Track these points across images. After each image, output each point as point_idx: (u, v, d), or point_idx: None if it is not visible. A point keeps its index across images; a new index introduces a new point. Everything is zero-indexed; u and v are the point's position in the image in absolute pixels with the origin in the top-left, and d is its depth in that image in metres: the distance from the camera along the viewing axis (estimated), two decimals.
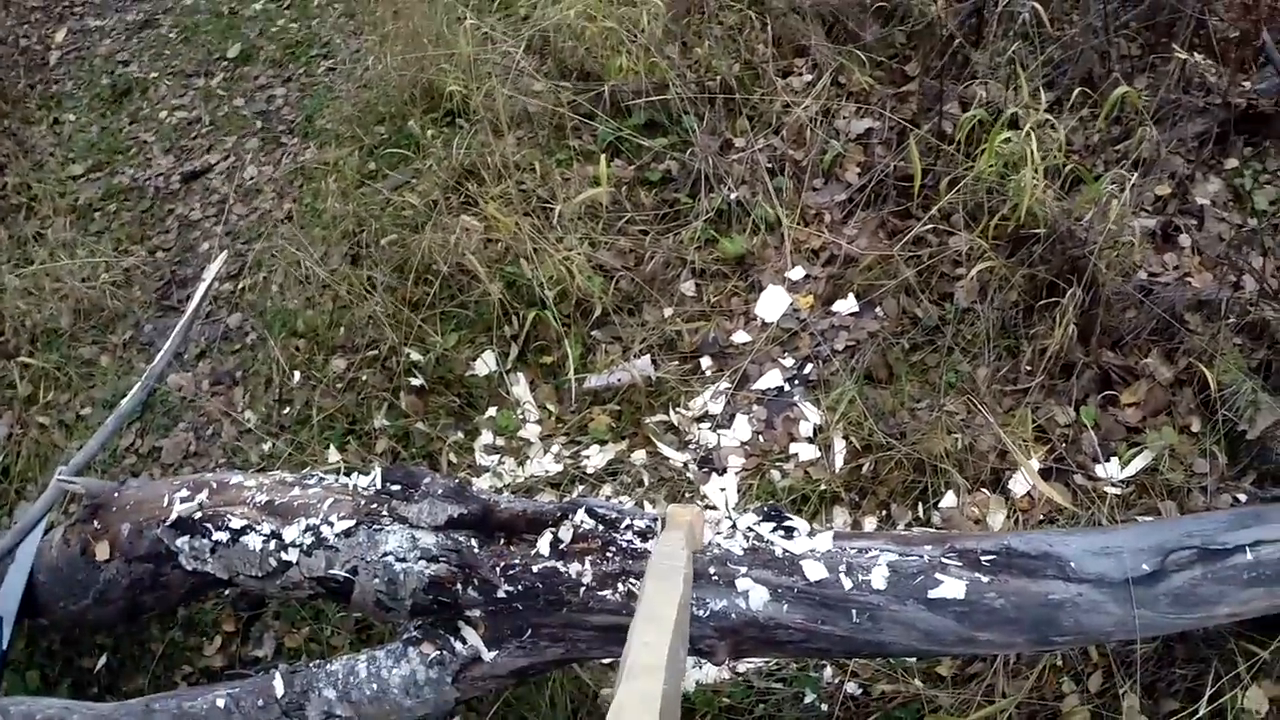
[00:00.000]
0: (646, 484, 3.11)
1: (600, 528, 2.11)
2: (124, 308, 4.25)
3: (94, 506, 2.62)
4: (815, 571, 1.97)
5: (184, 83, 5.57)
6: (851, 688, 2.63)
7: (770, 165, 3.68)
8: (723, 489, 3.05)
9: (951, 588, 1.93)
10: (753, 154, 3.68)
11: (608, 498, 3.07)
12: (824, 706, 2.62)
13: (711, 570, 2.01)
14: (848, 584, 1.96)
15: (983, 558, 1.97)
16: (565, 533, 2.12)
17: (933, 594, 1.93)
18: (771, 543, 2.04)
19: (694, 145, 3.71)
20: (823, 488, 2.94)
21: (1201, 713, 2.26)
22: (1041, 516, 2.73)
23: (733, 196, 3.60)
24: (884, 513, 2.90)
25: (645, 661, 1.27)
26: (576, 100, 3.89)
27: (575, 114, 3.87)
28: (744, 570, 2.01)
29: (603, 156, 3.55)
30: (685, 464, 3.13)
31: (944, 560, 1.97)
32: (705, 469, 3.12)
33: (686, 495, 3.05)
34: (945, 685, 2.58)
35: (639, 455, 3.17)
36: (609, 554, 2.08)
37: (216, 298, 4.16)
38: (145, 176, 4.99)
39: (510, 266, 3.43)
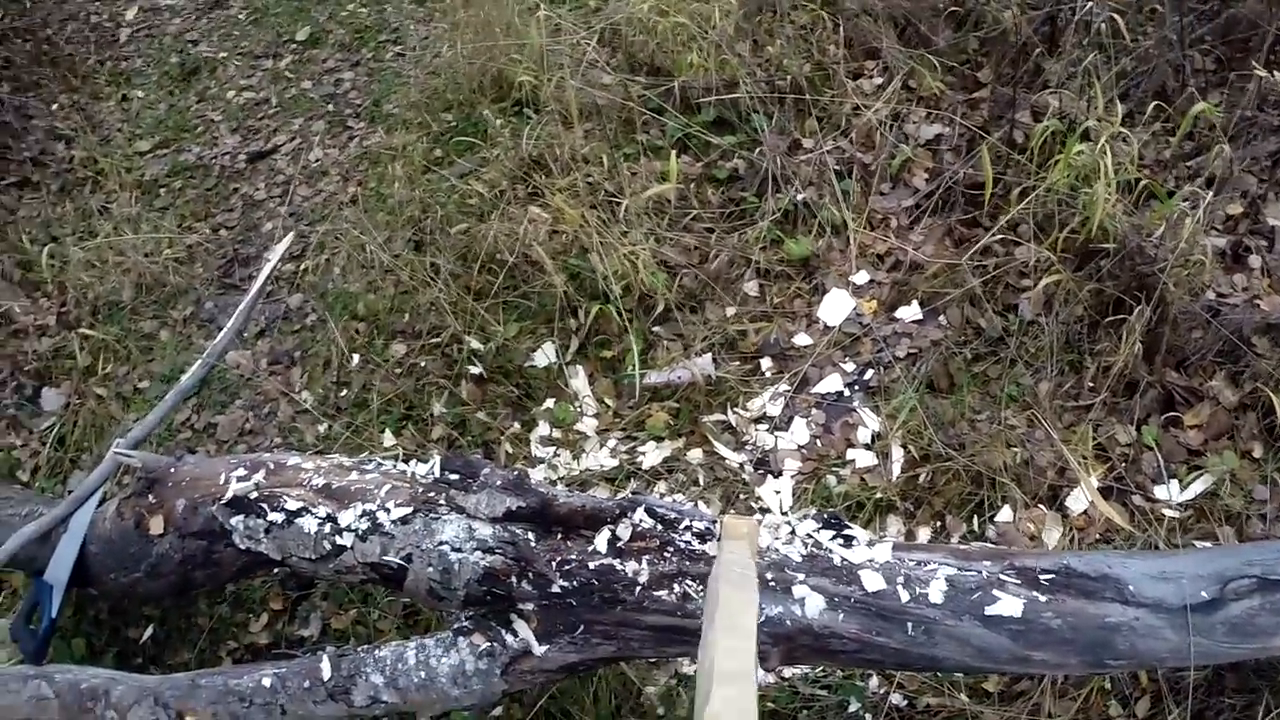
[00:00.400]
0: (702, 483, 3.11)
1: (659, 527, 2.11)
2: (185, 284, 4.29)
3: (150, 481, 2.63)
4: (873, 582, 1.97)
5: (252, 64, 5.62)
6: (897, 699, 2.62)
7: (838, 167, 3.67)
8: (778, 491, 3.04)
9: (1009, 605, 1.92)
10: (820, 155, 3.66)
11: (662, 495, 3.07)
12: (868, 717, 2.61)
13: (769, 576, 2.01)
14: (905, 596, 1.95)
15: (1041, 576, 1.96)
16: (624, 531, 2.12)
17: (989, 610, 1.92)
18: (830, 550, 2.04)
19: (762, 144, 3.70)
20: (878, 495, 2.93)
21: None
22: (1097, 536, 2.71)
23: (799, 197, 3.59)
24: (938, 524, 2.89)
25: (733, 668, 1.27)
26: (646, 95, 3.89)
27: (644, 109, 3.88)
28: (801, 577, 2.00)
29: (672, 153, 3.54)
30: (741, 465, 3.13)
31: (1002, 577, 1.96)
32: (761, 471, 3.12)
33: (741, 496, 3.06)
34: (991, 702, 2.57)
35: (695, 454, 3.17)
36: (667, 554, 2.08)
37: (278, 278, 4.19)
38: (211, 155, 5.04)
39: (575, 259, 3.44)
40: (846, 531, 2.07)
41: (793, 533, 2.09)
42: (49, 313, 4.27)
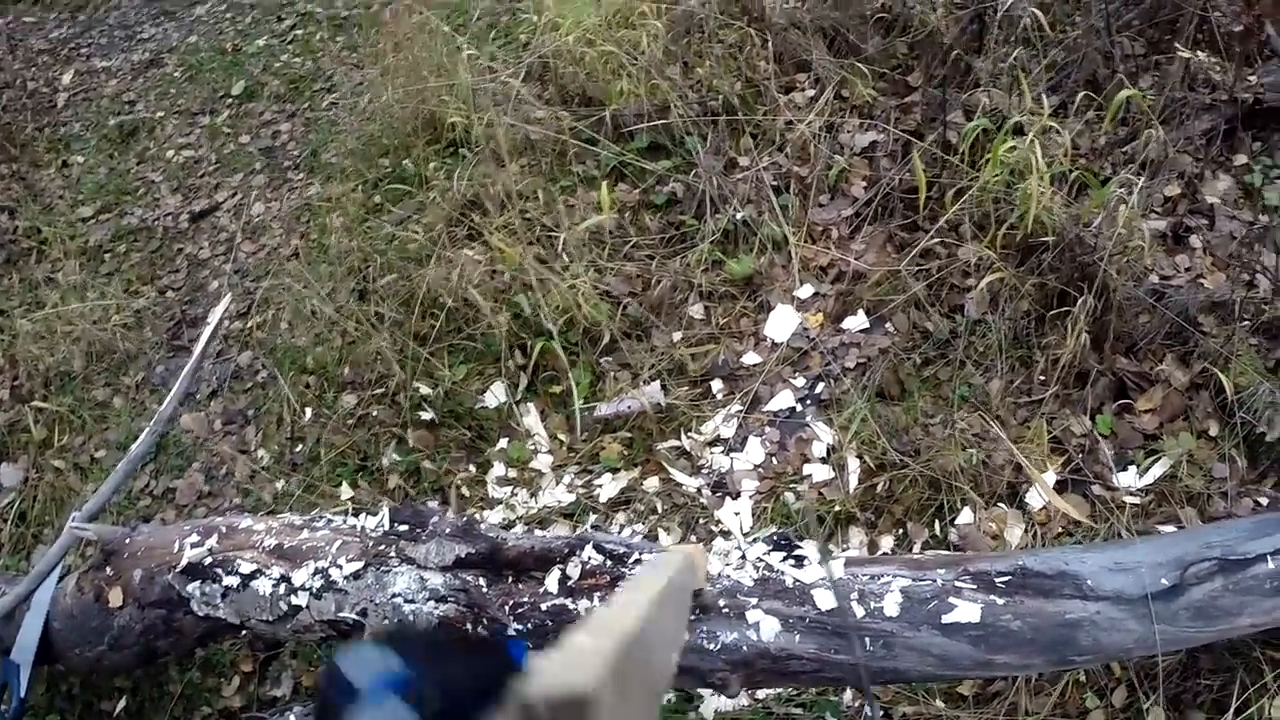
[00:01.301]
0: (660, 511, 3.08)
1: (608, 563, 2.08)
2: (135, 349, 4.25)
3: (107, 553, 2.61)
4: (827, 600, 1.94)
5: (190, 121, 5.60)
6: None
7: (775, 183, 3.66)
8: (737, 513, 3.01)
9: (966, 611, 1.90)
10: (757, 172, 3.65)
11: (621, 527, 3.04)
12: None
13: (722, 603, 1.98)
14: (860, 612, 1.92)
15: (997, 579, 1.94)
16: (573, 569, 2.09)
17: (947, 619, 1.90)
18: (781, 572, 2.01)
19: (698, 166, 3.68)
20: (837, 508, 2.91)
21: None
22: (1060, 529, 2.69)
23: (738, 216, 3.58)
24: (900, 531, 2.86)
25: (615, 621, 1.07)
26: (578, 126, 3.88)
27: (578, 140, 3.86)
28: (754, 601, 1.97)
29: (604, 183, 3.53)
30: (698, 489, 3.10)
31: (958, 584, 1.94)
32: (719, 494, 3.09)
33: (701, 521, 3.02)
34: (967, 705, 2.54)
35: (652, 482, 3.14)
36: (618, 589, 2.05)
37: (227, 336, 4.16)
38: (154, 216, 5.00)
39: (518, 296, 3.41)
40: (797, 552, 2.04)
41: (743, 557, 2.06)
42: (2, 387, 4.24)
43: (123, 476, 2.93)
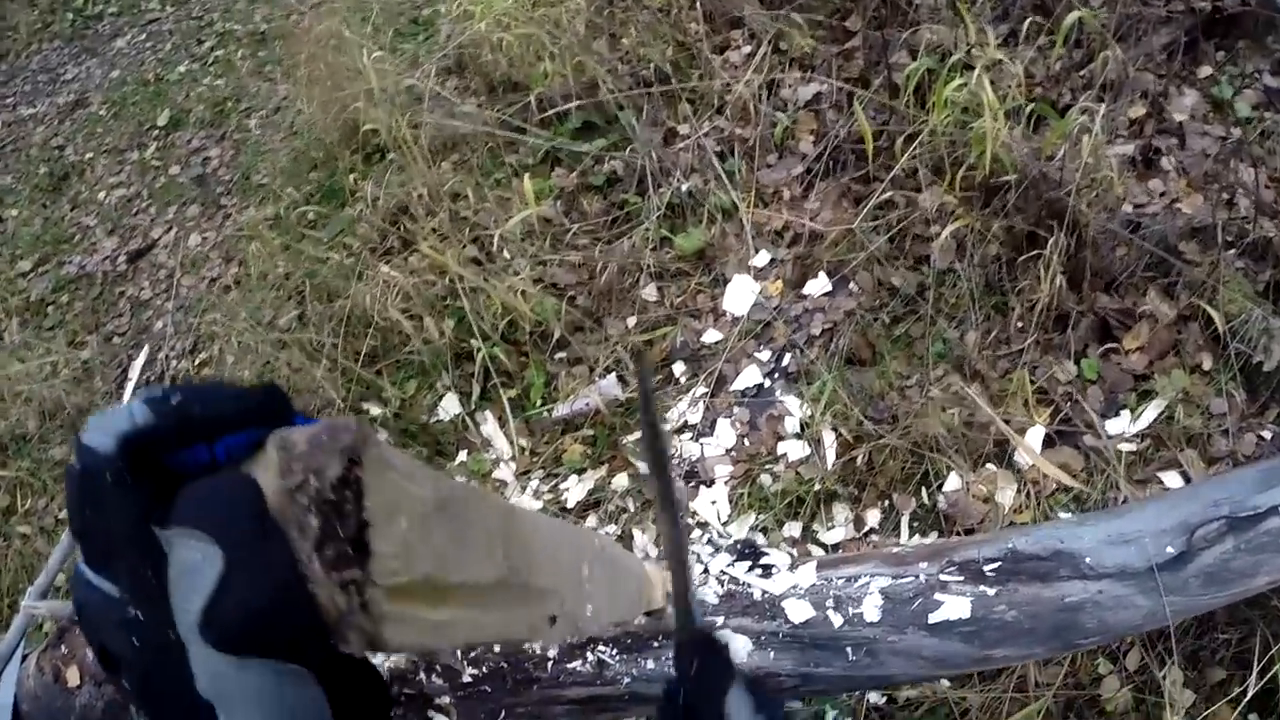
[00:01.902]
0: (633, 509, 2.89)
1: None
2: (86, 401, 4.09)
3: (60, 630, 2.43)
4: (799, 612, 1.75)
5: (119, 159, 5.42)
6: (874, 698, 2.45)
7: (719, 149, 3.46)
8: (713, 502, 2.83)
9: (954, 607, 1.71)
10: (698, 140, 3.45)
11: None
12: None
13: None
14: (838, 620, 1.73)
15: (986, 567, 1.75)
16: None
17: (934, 618, 1.71)
18: (749, 585, 1.82)
19: (635, 141, 3.48)
20: (817, 487, 2.72)
21: (1251, 680, 2.06)
22: (1055, 487, 2.51)
23: (684, 188, 3.38)
24: (886, 504, 2.68)
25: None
26: (507, 116, 3.67)
27: (507, 129, 3.65)
28: (721, 620, 1.79)
29: (526, 175, 3.32)
30: None
31: (943, 577, 1.75)
32: (692, 483, 2.90)
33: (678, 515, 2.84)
34: (973, 684, 2.37)
35: (620, 480, 2.96)
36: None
37: (174, 377, 3.99)
38: (93, 262, 4.83)
39: (458, 302, 3.21)
40: (764, 560, 1.85)
41: (705, 571, 1.87)
42: None
43: (67, 548, 2.78)
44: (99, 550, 0.51)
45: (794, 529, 2.70)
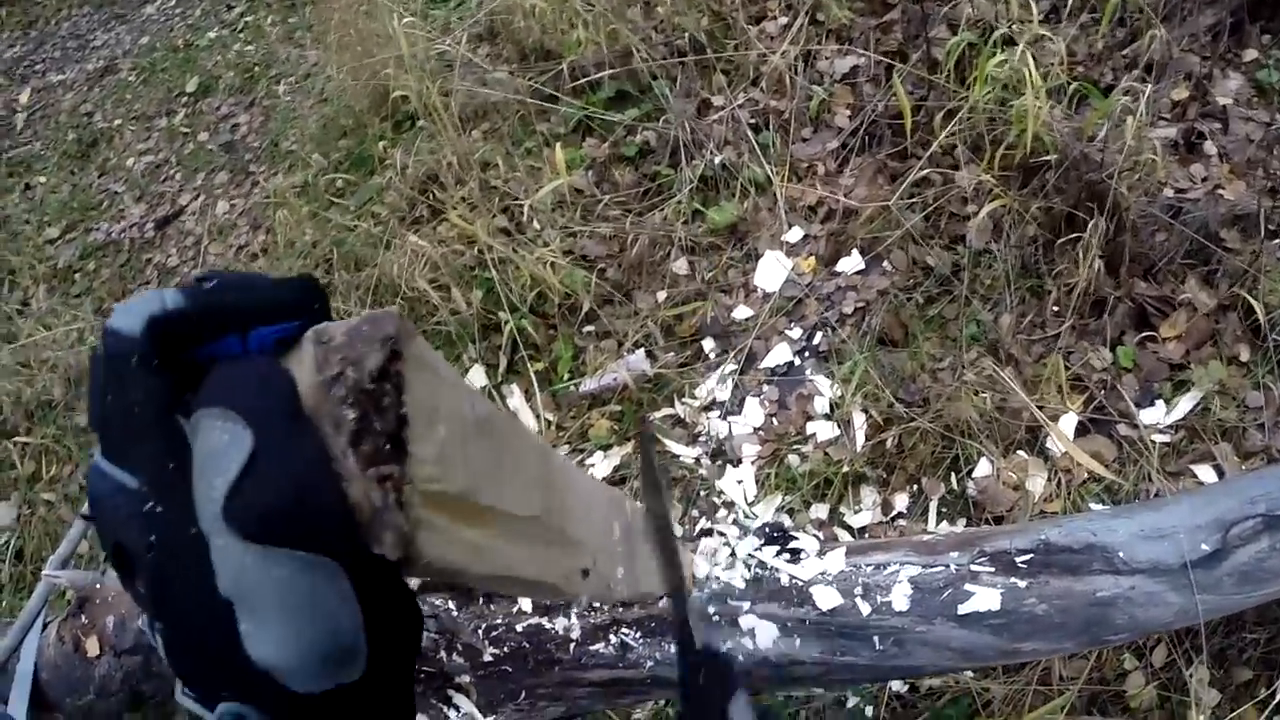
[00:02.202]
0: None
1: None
2: None
3: (80, 600, 2.44)
4: (828, 599, 1.72)
5: (147, 126, 5.41)
6: (897, 686, 2.42)
7: (753, 121, 3.41)
8: (739, 481, 2.80)
9: (984, 599, 1.68)
10: (733, 111, 3.40)
11: None
12: (868, 710, 2.42)
13: (712, 609, 1.77)
14: (866, 609, 1.71)
15: (1017, 559, 1.71)
16: None
17: (964, 609, 1.68)
18: (776, 570, 1.79)
19: (668, 112, 3.43)
20: (845, 469, 2.69)
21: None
22: (1086, 475, 2.46)
23: (717, 160, 3.33)
24: (914, 488, 2.65)
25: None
26: (539, 84, 3.63)
27: (539, 97, 3.61)
28: (747, 605, 1.76)
29: (558, 144, 3.27)
30: (697, 459, 2.88)
31: (973, 568, 1.71)
32: (719, 462, 2.87)
33: (702, 493, 2.81)
34: (996, 675, 2.34)
35: None
36: (595, 604, 1.84)
37: None
38: (120, 229, 4.83)
39: (486, 273, 3.18)
40: (793, 544, 1.82)
41: (733, 555, 1.84)
42: None
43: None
44: (119, 440, 0.47)
45: (821, 511, 2.67)
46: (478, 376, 3.19)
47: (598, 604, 1.83)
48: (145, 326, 0.46)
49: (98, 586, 2.45)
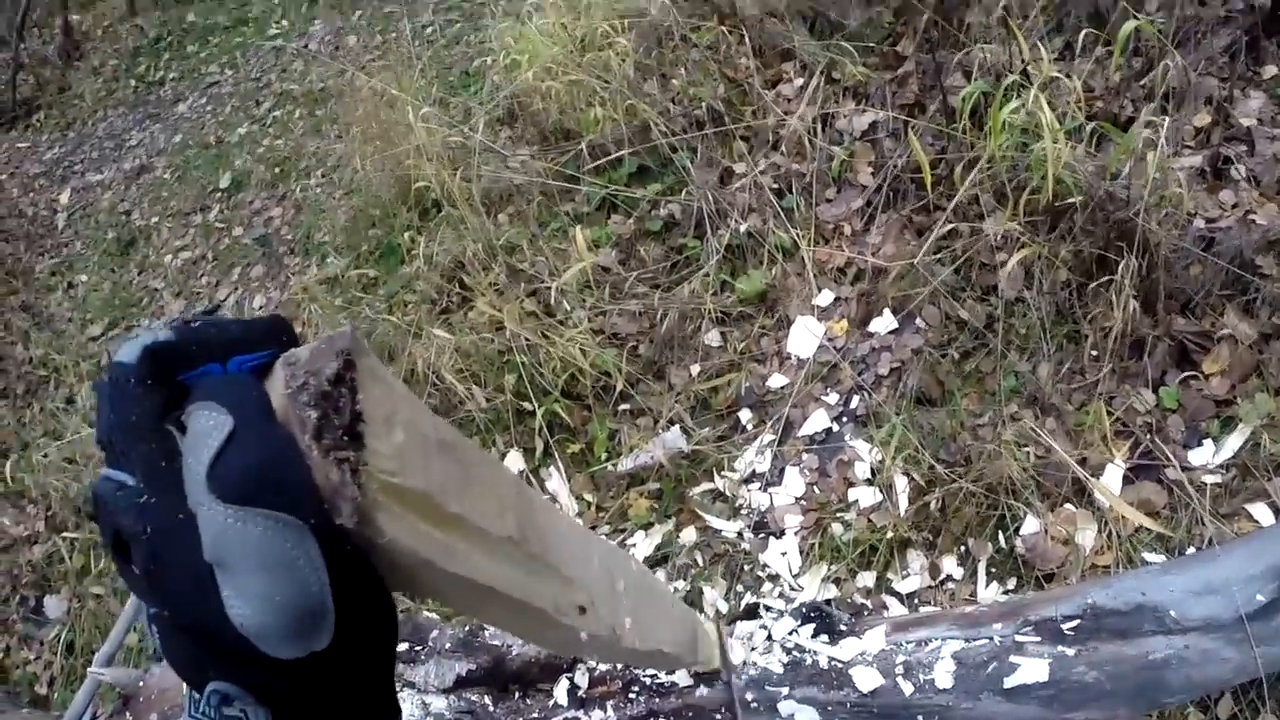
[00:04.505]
0: (701, 563, 2.82)
1: (618, 666, 1.83)
2: None
3: (124, 698, 2.46)
4: (868, 680, 1.67)
5: (184, 222, 5.49)
6: None
7: (776, 186, 3.39)
8: (783, 553, 2.75)
9: (1031, 670, 1.62)
10: (755, 178, 3.38)
11: None
12: None
13: (750, 696, 1.72)
14: (908, 689, 1.65)
15: (1064, 625, 1.66)
16: (581, 678, 1.85)
17: (1010, 682, 1.62)
18: (815, 652, 1.74)
19: (690, 183, 3.42)
20: (890, 534, 2.63)
21: None
22: (1138, 525, 2.39)
23: (742, 229, 3.31)
24: (962, 550, 2.59)
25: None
26: (560, 165, 3.63)
27: (560, 178, 3.61)
28: (786, 690, 1.71)
29: (580, 224, 3.28)
30: (739, 533, 2.84)
31: (1018, 638, 1.66)
32: (761, 535, 2.82)
33: (745, 568, 2.77)
34: None
35: (688, 533, 2.89)
36: (632, 695, 1.80)
37: None
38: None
39: (519, 357, 3.16)
40: (830, 624, 1.77)
41: (769, 638, 1.80)
42: (36, 519, 4.20)
43: (133, 614, 2.80)
44: (120, 448, 0.55)
45: (867, 579, 2.61)
46: (515, 461, 3.16)
47: (608, 659, 1.79)
48: (140, 354, 0.55)
49: (141, 684, 2.46)
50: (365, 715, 0.64)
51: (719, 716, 1.73)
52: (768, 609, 2.00)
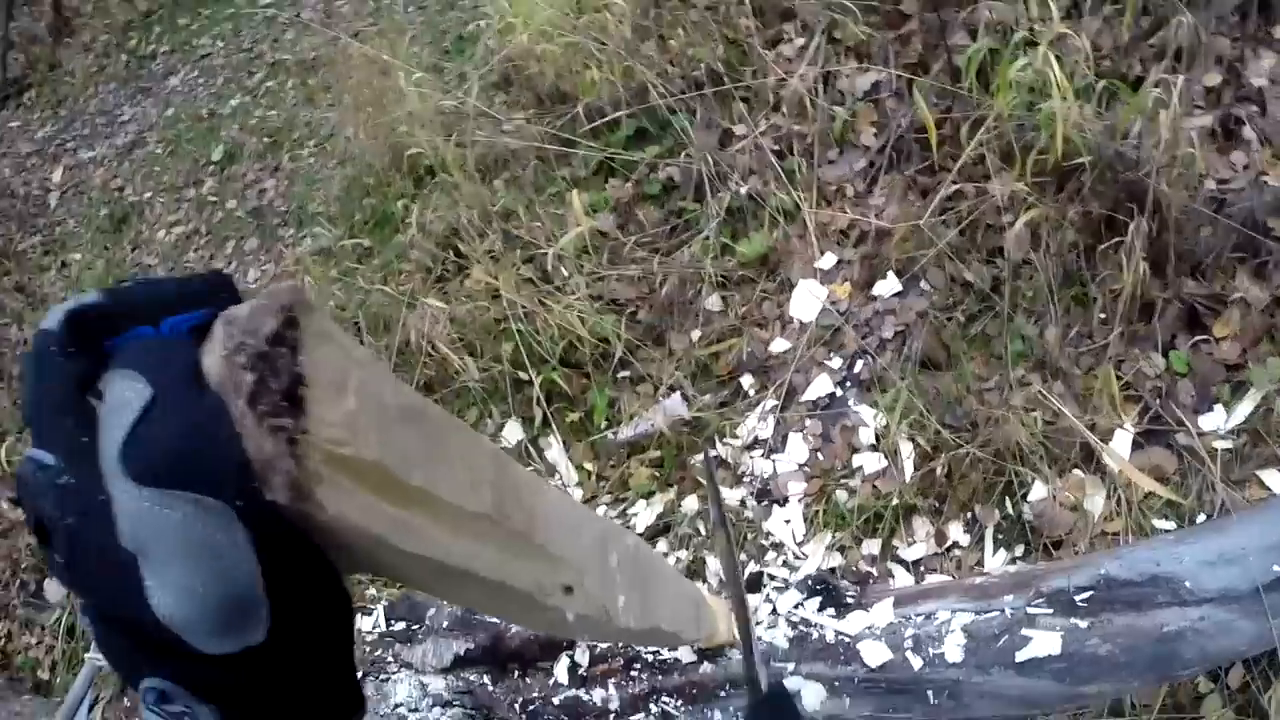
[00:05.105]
0: (704, 533, 2.78)
1: (618, 644, 1.79)
2: None
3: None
4: (876, 654, 1.63)
5: (176, 197, 5.42)
6: None
7: (777, 148, 3.31)
8: (787, 520, 2.71)
9: (1043, 643, 1.57)
10: (755, 140, 3.31)
11: (664, 555, 2.75)
12: None
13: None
14: (917, 663, 1.61)
15: (1077, 597, 1.61)
16: (582, 656, 1.81)
17: (1022, 655, 1.58)
18: (821, 626, 1.70)
19: (690, 146, 3.35)
20: (895, 501, 2.59)
21: None
22: (1147, 491, 2.34)
23: (742, 191, 3.24)
24: (968, 516, 2.55)
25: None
26: (556, 129, 3.57)
27: (557, 142, 3.55)
28: (792, 666, 1.67)
29: (577, 188, 3.22)
30: (742, 500, 2.80)
31: (1030, 610, 1.61)
32: (764, 502, 2.78)
33: (749, 536, 2.72)
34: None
35: (690, 502, 2.84)
36: (633, 672, 1.76)
37: None
38: None
39: (516, 325, 3.10)
40: (836, 596, 1.73)
41: (774, 612, 1.75)
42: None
43: None
44: (40, 424, 0.51)
45: (873, 546, 2.57)
46: (513, 432, 3.12)
47: (600, 640, 1.76)
48: (63, 317, 0.51)
49: None
50: (322, 708, 0.60)
51: (722, 693, 1.69)
52: (771, 578, 1.96)
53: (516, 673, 1.87)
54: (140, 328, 0.53)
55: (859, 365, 2.90)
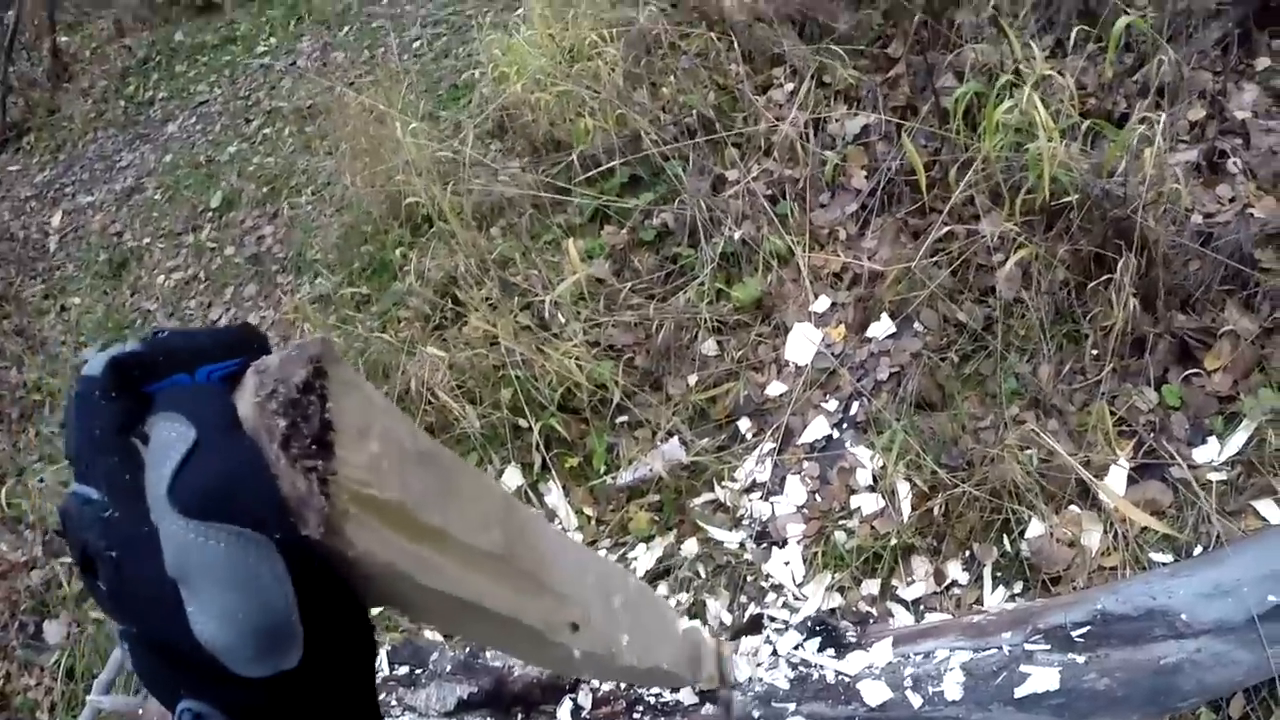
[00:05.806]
0: (704, 575, 2.79)
1: (622, 686, 1.80)
2: None
3: None
4: (876, 694, 1.64)
5: (175, 243, 5.47)
6: None
7: (769, 192, 3.36)
8: (787, 563, 2.72)
9: (1041, 679, 1.59)
10: (747, 185, 3.35)
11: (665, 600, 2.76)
12: None
13: (756, 713, 1.69)
14: (917, 701, 1.63)
15: (1074, 633, 1.63)
16: (584, 698, 1.82)
17: (1020, 691, 1.60)
18: (821, 666, 1.72)
19: (683, 192, 3.39)
20: (894, 541, 2.60)
21: None
22: (1143, 526, 2.36)
23: (736, 236, 3.28)
24: (966, 554, 2.56)
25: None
26: (551, 177, 3.61)
27: (552, 189, 3.59)
28: (793, 707, 1.69)
29: (573, 236, 3.25)
30: (741, 544, 2.81)
31: (1028, 647, 1.63)
32: (763, 545, 2.80)
33: (748, 579, 2.74)
34: None
35: (690, 545, 2.86)
36: (635, 715, 1.78)
37: None
38: None
39: (515, 372, 3.13)
40: (835, 637, 1.75)
41: (775, 654, 1.77)
42: (34, 545, 4.18)
43: None
44: (85, 461, 0.54)
45: (872, 586, 2.59)
46: (513, 477, 3.14)
47: (605, 678, 1.77)
48: (105, 365, 0.54)
49: (140, 711, 2.50)
50: None
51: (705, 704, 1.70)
52: (771, 620, 1.97)
53: (520, 716, 1.88)
54: (178, 375, 0.56)
55: (855, 407, 2.93)
